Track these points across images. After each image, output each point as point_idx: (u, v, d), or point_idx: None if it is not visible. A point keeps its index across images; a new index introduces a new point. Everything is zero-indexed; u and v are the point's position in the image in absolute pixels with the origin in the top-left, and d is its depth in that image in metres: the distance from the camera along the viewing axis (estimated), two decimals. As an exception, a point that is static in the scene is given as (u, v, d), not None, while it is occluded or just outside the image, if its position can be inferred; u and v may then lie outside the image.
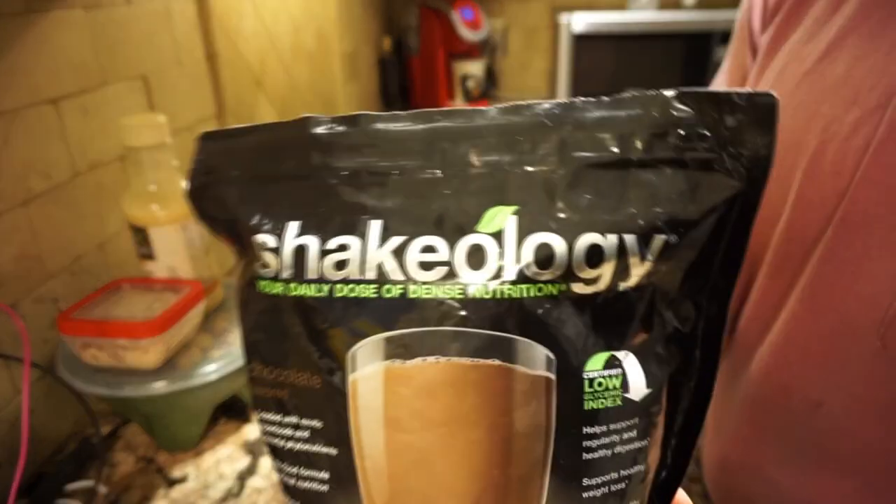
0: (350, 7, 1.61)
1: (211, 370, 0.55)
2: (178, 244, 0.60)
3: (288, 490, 0.22)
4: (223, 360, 0.56)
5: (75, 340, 0.53)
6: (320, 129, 0.21)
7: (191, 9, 0.84)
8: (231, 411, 0.64)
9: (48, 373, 0.57)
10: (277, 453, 0.22)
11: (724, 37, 0.67)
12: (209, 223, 0.23)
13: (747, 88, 0.20)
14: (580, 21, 1.72)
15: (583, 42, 1.74)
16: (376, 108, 1.98)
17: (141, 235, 0.59)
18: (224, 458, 0.59)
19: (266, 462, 0.58)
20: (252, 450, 0.60)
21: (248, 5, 1.00)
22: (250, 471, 0.57)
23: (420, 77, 1.98)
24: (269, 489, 0.55)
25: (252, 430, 0.62)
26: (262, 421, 0.23)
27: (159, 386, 0.53)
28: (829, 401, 0.38)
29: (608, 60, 1.77)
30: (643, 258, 0.20)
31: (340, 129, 0.21)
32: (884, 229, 0.33)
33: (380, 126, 0.21)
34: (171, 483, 0.56)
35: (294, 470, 0.22)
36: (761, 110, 0.19)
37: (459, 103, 1.92)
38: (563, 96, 1.83)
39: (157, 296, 0.57)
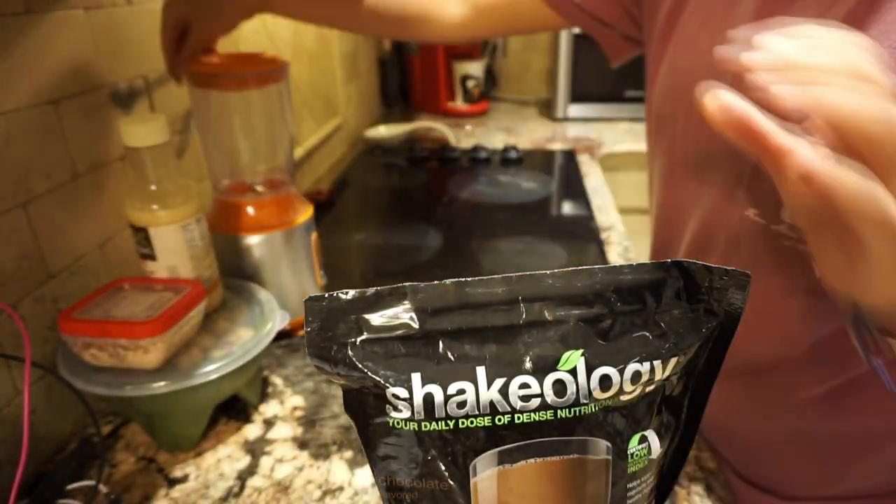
0: (350, 7, 1.61)
1: (211, 370, 0.55)
2: (179, 244, 0.60)
3: None
4: (224, 359, 0.56)
5: (76, 340, 0.53)
6: (421, 296, 0.28)
7: (191, 9, 0.84)
8: (231, 411, 0.64)
9: (49, 372, 0.57)
10: None
11: (724, 37, 0.68)
12: (331, 376, 0.28)
13: (732, 267, 0.28)
14: (580, 21, 1.72)
15: (583, 42, 1.74)
16: (376, 108, 1.98)
17: (141, 235, 0.59)
18: (224, 458, 0.59)
19: (266, 462, 0.58)
20: (252, 450, 0.60)
21: (248, 5, 0.99)
22: (250, 470, 0.57)
23: (420, 77, 1.98)
24: (269, 489, 0.55)
25: (252, 430, 0.63)
26: None
27: (160, 386, 0.53)
28: None
29: (608, 61, 1.77)
30: (664, 372, 0.28)
31: (439, 295, 0.28)
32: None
33: (469, 291, 0.28)
34: (172, 483, 0.56)
35: None
36: (739, 277, 0.28)
37: (459, 103, 1.93)
38: (562, 97, 1.83)
39: (157, 296, 0.57)
